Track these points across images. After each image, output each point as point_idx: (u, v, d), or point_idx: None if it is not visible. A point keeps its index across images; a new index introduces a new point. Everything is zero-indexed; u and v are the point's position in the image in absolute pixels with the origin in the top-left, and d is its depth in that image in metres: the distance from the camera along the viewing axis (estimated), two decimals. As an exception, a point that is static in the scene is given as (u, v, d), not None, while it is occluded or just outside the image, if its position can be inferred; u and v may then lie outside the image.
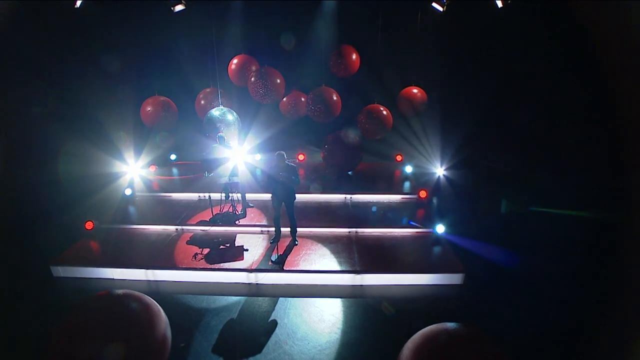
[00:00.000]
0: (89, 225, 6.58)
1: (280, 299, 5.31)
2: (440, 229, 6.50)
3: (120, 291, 3.69)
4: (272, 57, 9.52)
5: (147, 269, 5.70)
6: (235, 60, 9.51)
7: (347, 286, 5.61)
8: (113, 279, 5.76)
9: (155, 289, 5.59)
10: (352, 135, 8.63)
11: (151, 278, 5.72)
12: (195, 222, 6.95)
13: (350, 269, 5.69)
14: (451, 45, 9.48)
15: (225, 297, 5.34)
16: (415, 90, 9.66)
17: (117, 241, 6.45)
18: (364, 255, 6.02)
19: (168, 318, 3.73)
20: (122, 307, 3.52)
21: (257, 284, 5.62)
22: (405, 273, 5.70)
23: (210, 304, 5.22)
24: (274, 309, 5.12)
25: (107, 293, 3.72)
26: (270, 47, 9.72)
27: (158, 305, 3.73)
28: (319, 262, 5.85)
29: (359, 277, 5.61)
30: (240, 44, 9.80)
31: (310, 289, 5.54)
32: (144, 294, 3.71)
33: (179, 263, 5.80)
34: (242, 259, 5.89)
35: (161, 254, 6.05)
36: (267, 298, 5.34)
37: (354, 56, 9.52)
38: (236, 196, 7.12)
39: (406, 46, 9.81)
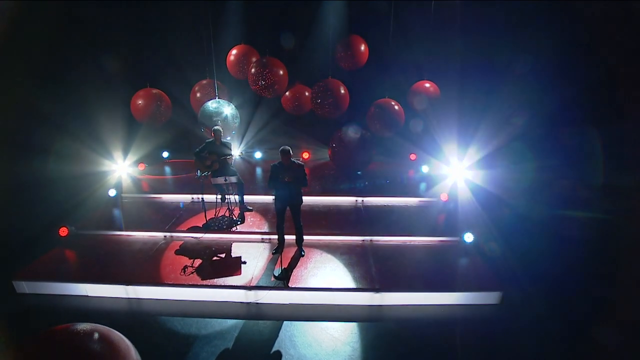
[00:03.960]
0: (63, 231, 5.70)
1: (285, 322, 4.44)
2: (468, 237, 5.64)
3: (82, 326, 2.83)
4: (274, 47, 8.76)
5: (128, 284, 4.82)
6: (234, 51, 8.71)
7: (364, 307, 4.73)
8: (87, 295, 4.88)
9: (137, 309, 4.71)
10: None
11: (132, 295, 4.83)
12: (186, 229, 6.08)
13: (368, 286, 4.81)
14: (466, 36, 8.75)
15: (219, 320, 4.46)
16: (427, 85, 8.87)
17: (95, 251, 5.57)
18: (383, 269, 5.15)
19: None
20: (80, 348, 2.66)
21: (257, 303, 4.73)
22: (432, 291, 4.82)
23: (201, 329, 4.34)
24: (277, 336, 4.24)
25: (66, 328, 2.86)
26: (273, 37, 8.92)
27: (128, 342, 2.86)
28: (330, 277, 4.98)
29: (378, 296, 4.74)
30: (239, 33, 8.96)
31: (320, 310, 4.66)
32: (112, 329, 2.86)
33: (165, 278, 4.92)
34: (240, 273, 5.01)
35: (145, 267, 5.18)
36: (269, 322, 4.46)
37: (362, 47, 8.74)
38: (233, 198, 6.26)
39: (419, 37, 9.04)
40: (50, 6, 7.40)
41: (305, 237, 5.48)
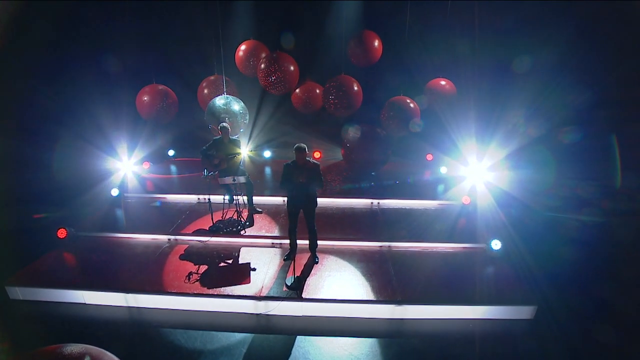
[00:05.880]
0: (61, 233, 5.36)
1: (298, 337, 4.04)
2: (496, 244, 5.20)
3: (73, 348, 2.47)
4: (285, 42, 8.49)
5: (128, 292, 4.46)
6: (243, 47, 8.39)
7: (385, 320, 4.32)
8: (85, 303, 4.53)
9: (137, 319, 4.35)
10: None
11: (132, 304, 4.47)
12: (191, 232, 5.71)
13: (388, 297, 4.39)
14: (483, 34, 8.36)
15: (226, 333, 4.08)
16: (443, 82, 8.48)
17: (95, 254, 5.22)
18: (404, 279, 4.72)
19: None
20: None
21: (267, 315, 4.34)
22: (459, 304, 4.39)
23: (206, 343, 3.96)
24: (290, 353, 3.85)
25: (55, 349, 2.50)
26: (283, 32, 8.60)
27: (123, 366, 2.48)
28: (347, 287, 4.56)
29: (399, 309, 4.32)
30: (249, 29, 8.68)
31: (336, 324, 4.26)
32: (105, 352, 2.49)
33: (168, 286, 4.55)
34: (249, 282, 4.62)
35: (147, 273, 4.81)
36: (280, 336, 4.07)
37: (376, 43, 8.39)
38: (242, 199, 5.88)
39: (435, 34, 8.66)
40: (58, 2, 7.17)
41: (318, 242, 5.08)
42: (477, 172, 7.59)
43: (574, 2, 7.21)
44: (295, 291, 4.42)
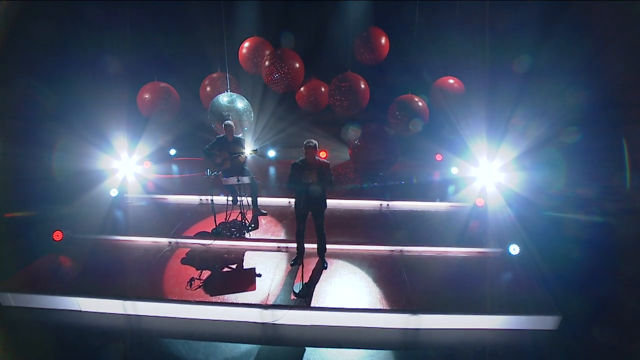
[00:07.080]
0: (57, 235, 5.12)
1: (307, 349, 3.78)
2: (514, 249, 4.93)
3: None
4: (290, 40, 8.23)
5: (126, 299, 4.21)
6: (246, 44, 8.16)
7: (399, 330, 4.05)
8: (80, 310, 4.29)
9: (136, 328, 4.11)
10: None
11: (131, 312, 4.23)
12: (193, 234, 5.46)
13: (403, 305, 4.12)
14: (491, 31, 8.14)
15: (230, 344, 3.83)
16: (451, 81, 8.24)
17: (91, 258, 4.98)
18: (419, 286, 4.47)
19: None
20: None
21: (273, 324, 4.08)
22: (477, 313, 4.13)
23: (209, 355, 3.70)
24: (298, 367, 3.60)
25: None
26: (288, 29, 8.37)
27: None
28: (358, 295, 4.30)
29: (414, 319, 4.06)
30: (253, 26, 8.45)
31: (348, 334, 3.99)
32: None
33: (168, 292, 4.30)
34: (254, 289, 4.36)
35: (146, 279, 4.56)
36: (288, 347, 3.81)
37: (383, 40, 8.15)
38: (246, 201, 5.63)
39: (444, 31, 8.44)
40: (57, 2, 6.97)
41: (327, 246, 4.82)
42: (489, 172, 7.32)
43: (584, 2, 7.02)
44: (303, 299, 4.16)
